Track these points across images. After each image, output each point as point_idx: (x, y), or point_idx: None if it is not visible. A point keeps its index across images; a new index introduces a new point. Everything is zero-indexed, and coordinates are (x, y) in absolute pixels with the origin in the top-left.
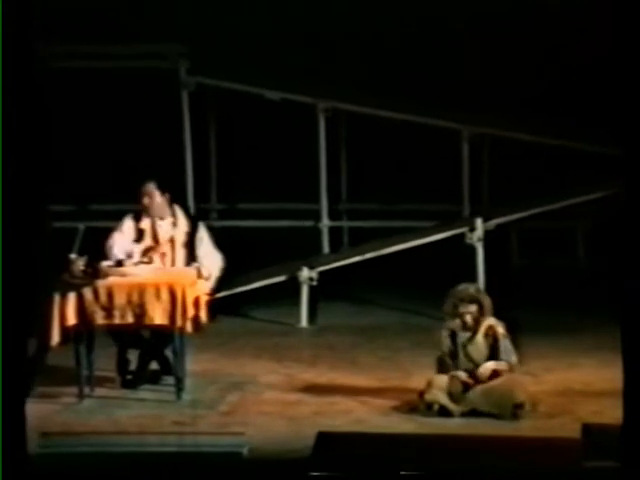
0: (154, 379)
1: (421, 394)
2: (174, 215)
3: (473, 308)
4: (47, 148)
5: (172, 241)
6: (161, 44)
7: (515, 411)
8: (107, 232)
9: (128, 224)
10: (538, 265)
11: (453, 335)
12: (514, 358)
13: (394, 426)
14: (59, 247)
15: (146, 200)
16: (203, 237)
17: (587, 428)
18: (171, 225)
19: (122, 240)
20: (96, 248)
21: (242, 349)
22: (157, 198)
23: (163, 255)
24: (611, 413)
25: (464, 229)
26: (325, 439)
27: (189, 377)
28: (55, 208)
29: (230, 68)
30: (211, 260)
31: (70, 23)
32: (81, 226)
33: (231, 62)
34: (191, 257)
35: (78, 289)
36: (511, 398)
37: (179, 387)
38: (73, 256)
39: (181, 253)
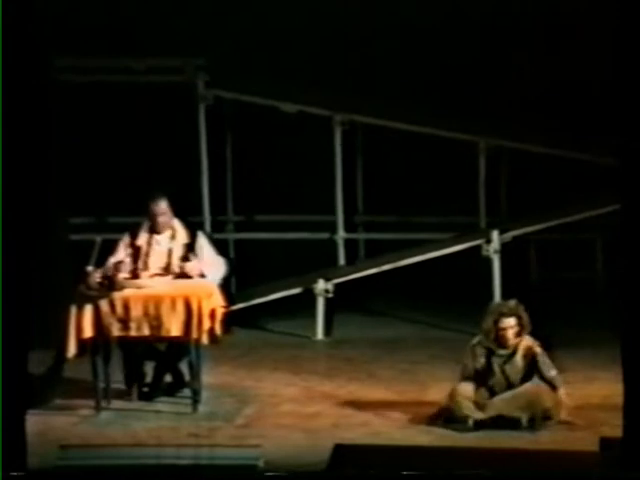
0: (170, 391)
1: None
2: (172, 228)
3: (513, 322)
4: (64, 161)
5: (169, 255)
6: (180, 58)
7: (544, 415)
8: None
9: (124, 244)
10: (556, 278)
11: (489, 353)
12: (554, 372)
13: (411, 439)
14: (76, 259)
15: (159, 219)
16: (203, 245)
17: (605, 442)
18: (169, 238)
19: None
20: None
21: (259, 361)
22: (167, 216)
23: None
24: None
25: (480, 241)
26: (342, 451)
27: (205, 389)
28: (73, 221)
29: (247, 81)
30: (212, 266)
31: (91, 38)
32: (98, 238)
33: (248, 75)
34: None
35: (94, 301)
36: (540, 403)
37: (195, 399)
38: (90, 268)
39: (178, 266)
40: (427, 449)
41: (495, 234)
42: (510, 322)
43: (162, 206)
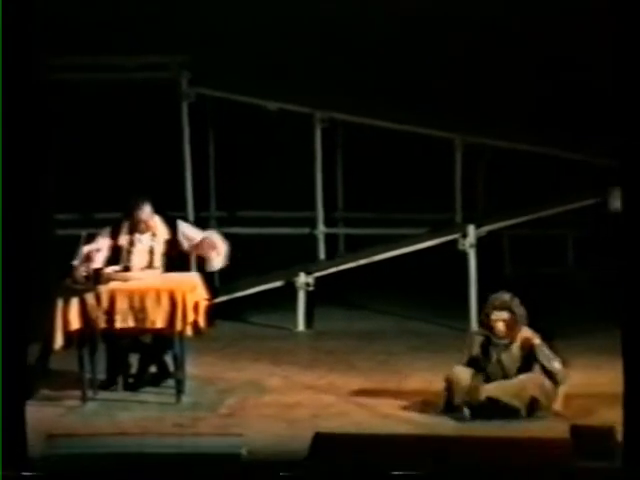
0: (155, 382)
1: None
2: (153, 226)
3: (505, 315)
4: (50, 159)
5: (151, 252)
6: (163, 55)
7: (531, 405)
8: None
9: (104, 240)
10: (529, 272)
11: (487, 342)
12: (557, 364)
13: (390, 428)
14: (62, 254)
15: (141, 225)
16: (185, 231)
17: (576, 429)
18: (150, 237)
19: (93, 248)
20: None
21: (241, 353)
22: (151, 220)
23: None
24: (602, 414)
25: (456, 235)
26: (322, 440)
27: (189, 380)
28: (59, 216)
29: (230, 79)
30: (204, 235)
31: (74, 36)
32: (84, 233)
33: (231, 73)
34: (173, 265)
35: (81, 294)
36: (526, 393)
37: (179, 390)
38: (76, 262)
39: (161, 262)
40: (405, 437)
41: (471, 229)
42: (502, 315)
43: (146, 211)
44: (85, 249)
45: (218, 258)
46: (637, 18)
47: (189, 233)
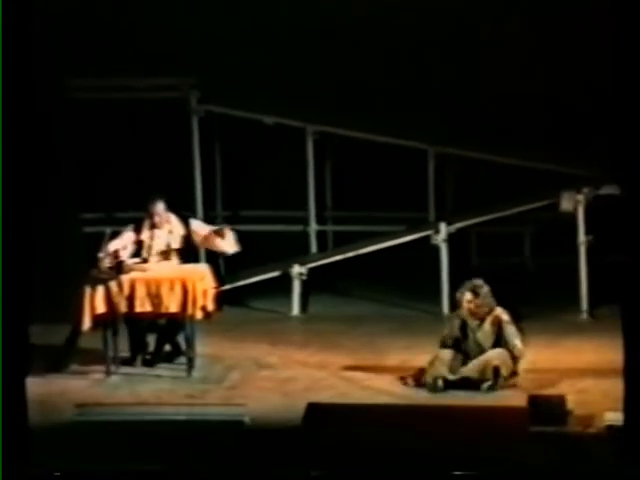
0: (169, 359)
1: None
2: (169, 223)
3: (469, 296)
4: (78, 167)
5: (169, 247)
6: (175, 77)
7: (495, 374)
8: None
9: (129, 235)
10: (493, 263)
11: (464, 324)
12: (518, 341)
13: (372, 398)
14: (90, 248)
15: (157, 218)
16: (197, 228)
17: (533, 398)
18: (167, 233)
19: (121, 247)
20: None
21: (243, 334)
22: (164, 216)
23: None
24: (559, 386)
25: (430, 232)
26: (314, 410)
27: (198, 357)
28: (86, 216)
29: (233, 97)
30: (211, 228)
31: (97, 59)
32: (108, 230)
33: (234, 92)
34: (188, 257)
35: (105, 283)
36: (490, 363)
37: (190, 366)
38: (101, 255)
39: (176, 255)
40: (385, 407)
41: (442, 226)
42: (465, 296)
43: (159, 206)
44: (112, 246)
45: (227, 243)
46: (637, 18)
47: (198, 229)
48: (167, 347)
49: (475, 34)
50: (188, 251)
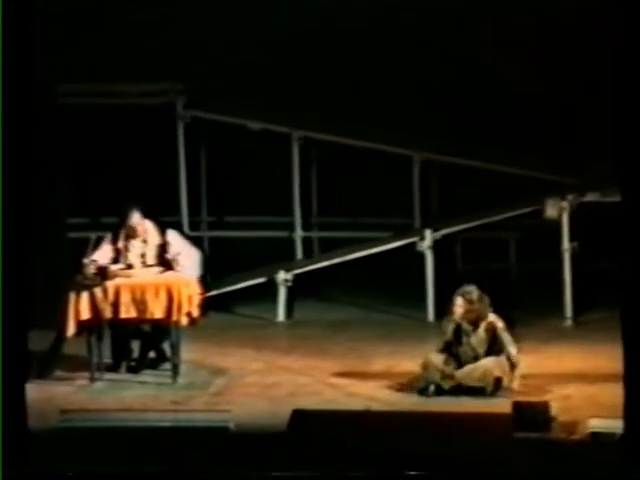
0: (154, 365)
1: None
2: (145, 232)
3: (460, 301)
4: (64, 173)
5: (143, 256)
6: (162, 83)
7: (496, 384)
8: None
9: (106, 247)
10: (477, 269)
11: (458, 329)
12: (513, 349)
13: (357, 405)
14: (74, 253)
15: (131, 232)
16: (172, 242)
17: (517, 404)
18: (141, 243)
19: (101, 258)
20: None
21: (228, 340)
22: (140, 225)
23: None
24: (547, 391)
25: (416, 238)
26: (299, 416)
27: (183, 364)
28: (72, 221)
29: (219, 103)
30: (184, 256)
31: (83, 64)
32: (93, 236)
33: (220, 98)
34: (165, 264)
35: (90, 289)
36: (492, 373)
37: (175, 372)
38: (86, 261)
39: (154, 264)
40: (370, 413)
41: (428, 232)
42: (457, 302)
43: (135, 217)
44: (93, 258)
45: (187, 270)
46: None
47: (173, 241)
48: (152, 353)
49: (475, 34)
50: (164, 260)
